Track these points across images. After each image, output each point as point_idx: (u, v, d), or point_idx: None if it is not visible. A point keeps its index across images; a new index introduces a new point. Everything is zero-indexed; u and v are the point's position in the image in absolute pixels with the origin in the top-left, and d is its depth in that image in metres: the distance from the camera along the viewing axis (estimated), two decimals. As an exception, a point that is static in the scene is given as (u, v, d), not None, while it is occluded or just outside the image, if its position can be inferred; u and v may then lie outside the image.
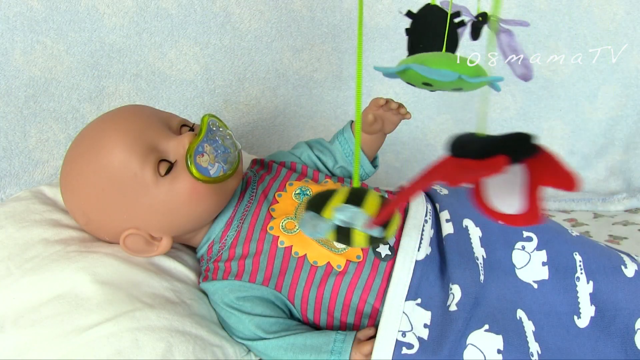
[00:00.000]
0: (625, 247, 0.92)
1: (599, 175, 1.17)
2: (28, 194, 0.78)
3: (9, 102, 0.94)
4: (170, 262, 0.72)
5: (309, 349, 0.64)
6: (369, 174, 0.81)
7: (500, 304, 0.65)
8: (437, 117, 1.16)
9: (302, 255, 0.68)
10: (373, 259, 0.67)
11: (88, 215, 0.68)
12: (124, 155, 0.64)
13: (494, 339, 0.61)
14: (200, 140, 0.65)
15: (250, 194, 0.73)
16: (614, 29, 1.12)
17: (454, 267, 0.65)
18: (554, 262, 0.67)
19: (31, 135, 0.96)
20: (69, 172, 0.68)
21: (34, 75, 0.95)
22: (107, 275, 0.65)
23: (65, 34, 0.95)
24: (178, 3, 1.00)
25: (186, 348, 0.63)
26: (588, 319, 0.65)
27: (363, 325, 0.67)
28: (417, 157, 1.18)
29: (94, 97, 0.99)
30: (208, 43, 1.03)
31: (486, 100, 0.47)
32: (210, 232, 0.72)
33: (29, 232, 0.70)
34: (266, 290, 0.68)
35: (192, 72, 1.04)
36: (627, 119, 1.16)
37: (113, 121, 0.67)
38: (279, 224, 0.69)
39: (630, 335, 0.63)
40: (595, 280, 0.66)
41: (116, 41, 0.98)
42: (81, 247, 0.69)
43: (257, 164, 0.80)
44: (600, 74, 1.14)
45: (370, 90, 1.12)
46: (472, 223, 0.70)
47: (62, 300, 0.63)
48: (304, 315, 0.69)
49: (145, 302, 0.64)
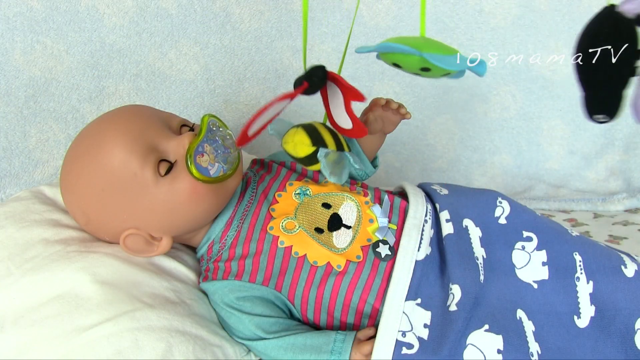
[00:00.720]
0: (625, 247, 0.92)
1: (599, 175, 1.17)
2: (28, 194, 0.78)
3: (9, 102, 0.94)
4: (170, 262, 0.72)
5: (309, 349, 0.64)
6: (369, 174, 0.81)
7: (500, 304, 0.65)
8: (437, 117, 1.16)
9: (302, 255, 0.68)
10: (373, 259, 0.67)
11: (88, 215, 0.68)
12: (124, 155, 0.64)
13: (494, 339, 0.61)
14: (200, 140, 0.65)
15: (250, 194, 0.73)
16: (614, 29, 1.12)
17: (454, 267, 0.65)
18: (554, 262, 0.68)
19: (31, 135, 0.96)
20: (69, 172, 0.68)
21: (34, 75, 0.95)
22: (107, 275, 0.65)
23: (65, 34, 0.95)
24: (178, 3, 1.00)
25: (186, 348, 0.63)
26: (588, 319, 0.65)
27: (363, 325, 0.67)
28: (417, 157, 1.18)
29: (94, 97, 0.99)
30: (208, 43, 1.03)
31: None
32: (210, 232, 0.72)
33: (29, 232, 0.70)
34: (266, 290, 0.68)
35: (192, 72, 1.04)
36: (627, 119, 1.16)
37: (113, 121, 0.67)
38: (279, 224, 0.69)
39: (630, 335, 0.63)
40: (595, 280, 0.66)
41: (116, 41, 0.98)
42: (81, 247, 0.69)
43: (257, 164, 0.80)
44: (600, 74, 1.14)
45: (370, 90, 1.13)
46: (472, 223, 0.70)
47: (62, 300, 0.63)
48: (304, 315, 0.69)
49: (145, 302, 0.64)
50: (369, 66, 1.11)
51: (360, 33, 1.08)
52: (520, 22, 1.11)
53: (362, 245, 0.68)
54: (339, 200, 0.71)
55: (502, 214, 0.72)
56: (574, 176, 1.17)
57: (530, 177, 1.17)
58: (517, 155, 1.17)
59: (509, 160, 1.17)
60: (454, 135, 1.17)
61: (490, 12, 1.10)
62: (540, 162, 1.17)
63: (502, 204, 0.72)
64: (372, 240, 0.68)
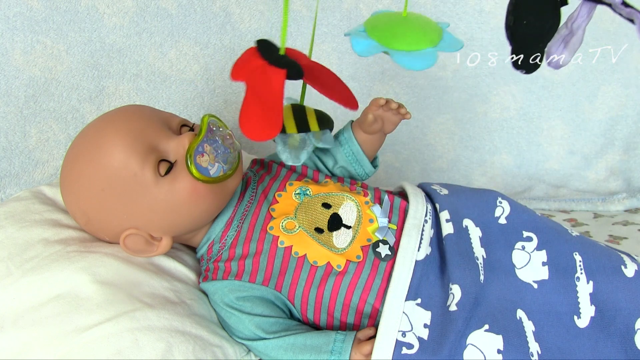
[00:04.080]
0: (625, 247, 0.92)
1: (599, 175, 1.17)
2: (28, 194, 0.78)
3: (9, 102, 0.94)
4: (170, 262, 0.72)
5: (308, 349, 0.64)
6: (369, 174, 0.81)
7: (500, 304, 0.65)
8: (437, 117, 1.16)
9: (302, 255, 0.68)
10: (373, 259, 0.67)
11: (88, 215, 0.68)
12: (124, 155, 0.64)
13: (494, 339, 0.61)
14: (200, 140, 0.65)
15: (250, 194, 0.73)
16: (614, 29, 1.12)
17: (454, 267, 0.65)
18: (554, 262, 0.68)
19: (31, 135, 0.96)
20: (69, 172, 0.68)
21: (34, 75, 0.95)
22: (107, 275, 0.65)
23: (65, 34, 0.95)
24: (178, 3, 1.00)
25: (186, 348, 0.63)
26: (588, 319, 0.65)
27: (363, 325, 0.67)
28: (417, 157, 1.18)
29: (94, 97, 0.99)
30: (208, 43, 1.03)
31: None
32: (210, 232, 0.72)
33: (29, 232, 0.70)
34: (266, 290, 0.68)
35: (192, 72, 1.04)
36: (627, 119, 1.16)
37: (113, 121, 0.68)
38: (279, 224, 0.69)
39: (630, 335, 0.63)
40: (595, 280, 0.66)
41: (116, 41, 0.98)
42: (81, 247, 0.69)
43: (257, 164, 0.80)
44: (600, 74, 1.14)
45: (370, 90, 1.13)
46: (472, 223, 0.70)
47: (62, 300, 0.63)
48: (304, 316, 0.69)
49: (145, 302, 0.65)
50: (369, 66, 1.11)
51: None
52: (520, 22, 1.11)
53: (362, 245, 0.68)
54: (339, 200, 0.71)
55: (502, 214, 0.72)
56: (574, 176, 1.17)
57: (530, 177, 1.17)
58: (517, 155, 1.17)
59: (509, 160, 1.17)
60: (454, 135, 1.17)
61: (490, 12, 1.10)
62: (540, 162, 1.17)
63: (502, 204, 0.72)
64: (372, 240, 0.68)
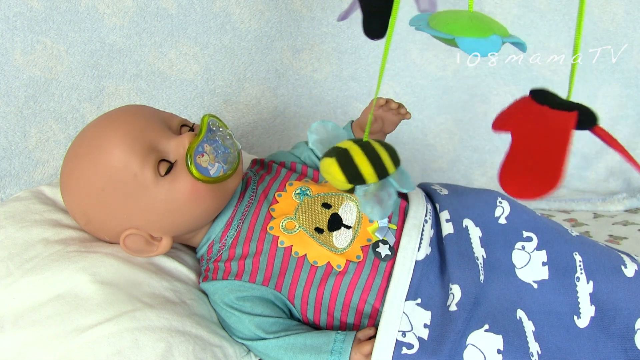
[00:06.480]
0: (625, 247, 0.92)
1: (599, 175, 1.17)
2: (28, 194, 0.78)
3: (9, 102, 0.94)
4: (170, 262, 0.72)
5: (309, 349, 0.64)
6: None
7: (500, 304, 0.65)
8: (437, 117, 1.16)
9: (302, 255, 0.68)
10: (373, 259, 0.67)
11: (88, 215, 0.68)
12: (124, 156, 0.64)
13: (494, 339, 0.61)
14: (200, 140, 0.65)
15: (250, 194, 0.73)
16: (614, 29, 1.12)
17: (454, 267, 0.65)
18: (554, 262, 0.68)
19: (31, 135, 0.96)
20: (69, 172, 0.68)
21: (34, 75, 0.95)
22: (107, 275, 0.65)
23: (65, 34, 0.95)
24: (178, 3, 1.00)
25: (186, 348, 0.63)
26: (588, 319, 0.65)
27: (363, 325, 0.67)
28: (417, 157, 1.18)
29: (94, 97, 0.99)
30: (208, 43, 1.03)
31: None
32: (210, 232, 0.72)
33: (29, 232, 0.70)
34: (266, 290, 0.68)
35: (192, 72, 1.04)
36: (627, 119, 1.16)
37: (113, 121, 0.68)
38: (279, 224, 0.69)
39: (630, 335, 0.63)
40: (595, 280, 0.66)
41: (116, 41, 0.98)
42: (81, 247, 0.69)
43: (257, 164, 0.80)
44: (600, 74, 1.14)
45: (370, 90, 1.12)
46: (472, 223, 0.70)
47: (62, 300, 0.63)
48: (304, 316, 0.69)
49: (145, 302, 0.65)
50: (368, 66, 1.11)
51: (360, 33, 1.08)
52: (520, 22, 1.11)
53: (362, 245, 0.68)
54: (339, 200, 0.71)
55: (502, 214, 0.72)
56: (574, 176, 1.17)
57: (530, 177, 1.17)
58: (517, 155, 1.17)
59: (509, 160, 1.17)
60: (454, 135, 1.17)
61: (490, 12, 1.10)
62: (540, 162, 1.17)
63: (502, 204, 0.72)
64: (372, 240, 0.68)
